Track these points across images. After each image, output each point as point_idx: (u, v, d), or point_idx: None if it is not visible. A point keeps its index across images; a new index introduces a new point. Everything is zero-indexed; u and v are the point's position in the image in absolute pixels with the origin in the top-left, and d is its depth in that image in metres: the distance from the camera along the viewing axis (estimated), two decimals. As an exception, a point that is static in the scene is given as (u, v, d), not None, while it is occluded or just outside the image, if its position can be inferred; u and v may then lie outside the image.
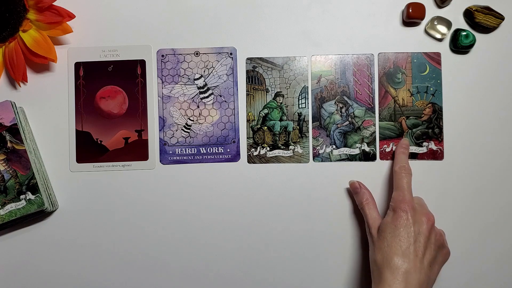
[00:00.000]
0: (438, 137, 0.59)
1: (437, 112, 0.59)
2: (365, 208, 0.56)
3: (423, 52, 0.60)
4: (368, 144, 0.59)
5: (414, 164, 0.59)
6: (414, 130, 0.59)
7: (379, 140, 0.59)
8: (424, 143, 0.59)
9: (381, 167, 0.59)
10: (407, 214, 0.52)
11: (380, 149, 0.59)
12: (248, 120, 0.60)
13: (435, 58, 0.59)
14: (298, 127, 0.60)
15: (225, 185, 0.60)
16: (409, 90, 0.60)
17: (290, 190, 0.59)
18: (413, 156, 0.59)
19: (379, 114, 0.60)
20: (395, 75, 0.60)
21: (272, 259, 0.59)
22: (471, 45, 0.59)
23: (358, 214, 0.59)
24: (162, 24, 0.60)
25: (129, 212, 0.59)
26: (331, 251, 0.59)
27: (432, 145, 0.59)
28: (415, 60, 0.60)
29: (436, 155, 0.59)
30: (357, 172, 0.59)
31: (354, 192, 0.58)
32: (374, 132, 0.60)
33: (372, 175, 0.59)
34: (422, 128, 0.59)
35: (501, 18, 0.59)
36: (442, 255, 0.53)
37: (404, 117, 0.60)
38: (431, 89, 0.59)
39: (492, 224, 0.59)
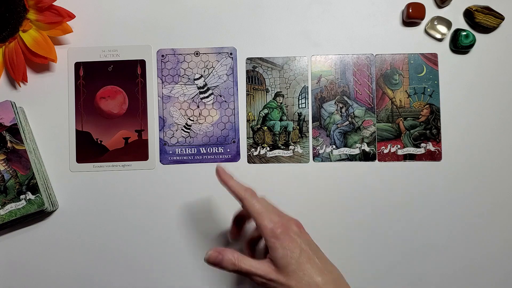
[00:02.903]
0: (436, 138, 0.59)
1: (435, 113, 0.59)
2: (243, 266, 0.47)
3: (419, 53, 0.60)
4: (368, 144, 0.60)
5: (412, 165, 0.59)
6: (412, 131, 0.59)
7: (377, 141, 0.60)
8: (422, 144, 0.59)
9: (381, 167, 0.59)
10: (289, 234, 0.47)
11: (378, 150, 0.59)
12: (248, 120, 0.60)
13: (432, 59, 0.60)
14: (298, 127, 0.60)
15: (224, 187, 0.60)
16: (406, 91, 0.60)
17: (290, 190, 0.59)
18: (411, 157, 0.59)
19: (377, 116, 0.60)
20: (392, 76, 0.60)
21: (272, 259, 0.59)
22: (471, 45, 0.59)
23: (358, 214, 0.59)
24: (162, 24, 0.60)
25: (129, 212, 0.59)
26: (331, 251, 0.59)
27: (430, 146, 0.59)
28: (412, 61, 0.60)
29: (434, 156, 0.59)
30: (357, 172, 0.59)
31: (216, 263, 0.48)
32: (374, 132, 0.60)
33: (372, 175, 0.59)
34: (420, 129, 0.59)
35: (501, 18, 0.59)
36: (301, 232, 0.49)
37: (401, 118, 0.60)
38: (428, 90, 0.60)
39: (491, 224, 0.59)
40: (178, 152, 0.60)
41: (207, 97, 0.60)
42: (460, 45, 0.59)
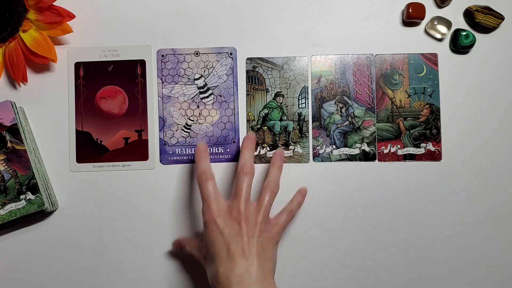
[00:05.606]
0: (436, 138, 0.59)
1: (435, 113, 0.59)
2: (191, 250, 0.55)
3: (419, 53, 0.60)
4: (368, 144, 0.60)
5: (412, 165, 0.59)
6: (412, 131, 0.59)
7: (377, 141, 0.60)
8: (422, 144, 0.59)
9: (381, 167, 0.59)
10: (215, 223, 0.51)
11: (378, 150, 0.59)
12: (248, 120, 0.60)
13: (432, 59, 0.60)
14: (298, 127, 0.60)
15: (225, 185, 0.60)
16: (406, 91, 0.60)
17: (290, 190, 0.59)
18: (411, 157, 0.59)
19: (377, 116, 0.60)
20: (392, 76, 0.60)
21: (272, 259, 0.59)
22: (471, 45, 0.59)
23: (358, 214, 0.59)
24: (162, 24, 0.60)
25: (129, 212, 0.59)
26: (331, 251, 0.59)
27: (430, 146, 0.59)
28: (412, 61, 0.60)
29: (434, 156, 0.59)
30: (357, 172, 0.59)
31: (177, 249, 0.58)
32: (374, 132, 0.60)
33: (372, 175, 0.59)
34: (420, 129, 0.59)
35: (501, 18, 0.59)
36: (270, 237, 0.52)
37: (401, 118, 0.60)
38: (428, 90, 0.60)
39: (490, 224, 0.59)
40: (178, 152, 0.60)
41: (207, 97, 0.60)
42: (460, 45, 0.59)
